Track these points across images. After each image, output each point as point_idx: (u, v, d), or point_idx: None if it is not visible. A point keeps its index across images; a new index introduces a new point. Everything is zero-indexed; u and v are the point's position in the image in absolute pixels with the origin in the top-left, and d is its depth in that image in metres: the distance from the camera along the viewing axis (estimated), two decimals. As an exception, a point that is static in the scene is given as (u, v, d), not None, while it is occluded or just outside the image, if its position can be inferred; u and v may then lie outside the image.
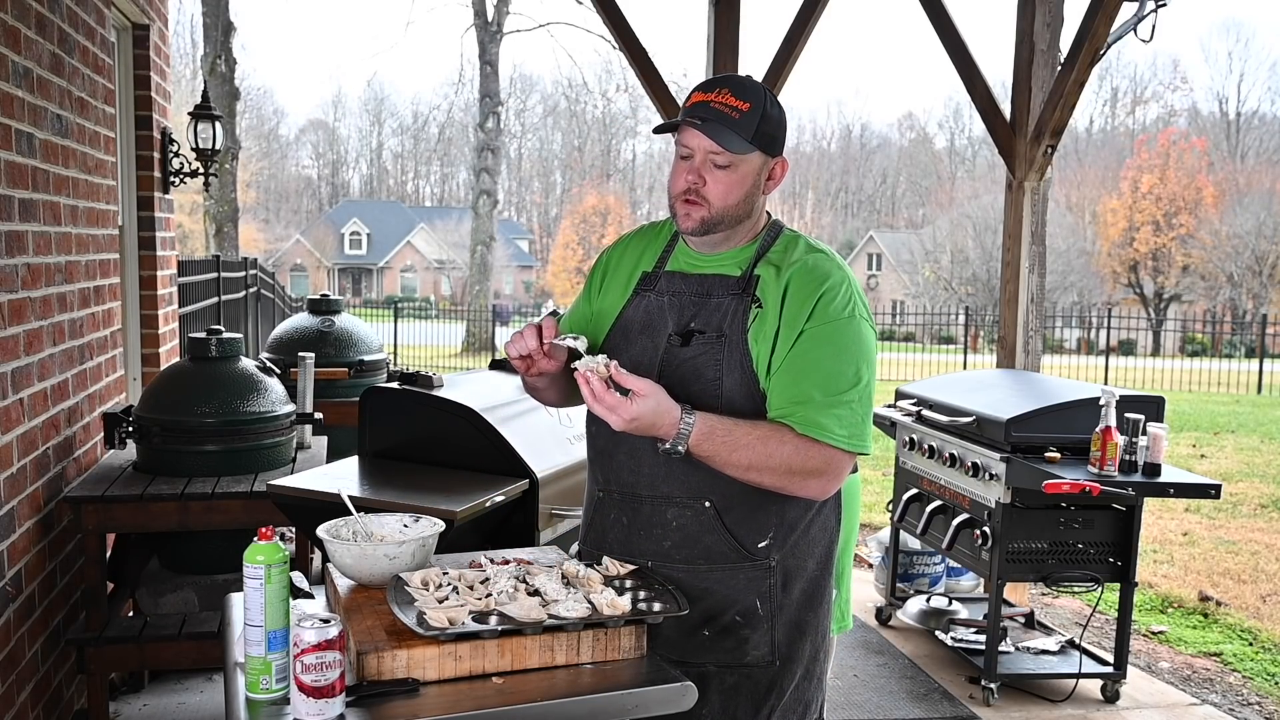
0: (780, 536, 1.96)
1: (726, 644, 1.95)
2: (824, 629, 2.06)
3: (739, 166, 1.91)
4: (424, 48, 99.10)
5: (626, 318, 2.04)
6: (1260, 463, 9.50)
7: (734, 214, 1.94)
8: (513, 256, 52.24)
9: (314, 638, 1.49)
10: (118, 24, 4.28)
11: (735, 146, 1.89)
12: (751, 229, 2.01)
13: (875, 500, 7.40)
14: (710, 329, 1.93)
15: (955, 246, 37.26)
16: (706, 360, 1.92)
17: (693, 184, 1.92)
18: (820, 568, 2.03)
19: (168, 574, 3.64)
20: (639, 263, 2.09)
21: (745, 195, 1.94)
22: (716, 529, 1.94)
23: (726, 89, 1.91)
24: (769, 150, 1.94)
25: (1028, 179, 4.86)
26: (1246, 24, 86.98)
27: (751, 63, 5.78)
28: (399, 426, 3.00)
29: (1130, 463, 3.55)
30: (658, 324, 1.99)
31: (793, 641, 1.99)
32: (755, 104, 1.89)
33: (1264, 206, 35.57)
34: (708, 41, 5.03)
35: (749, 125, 1.88)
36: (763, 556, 1.95)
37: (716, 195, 1.91)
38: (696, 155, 1.92)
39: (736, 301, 1.94)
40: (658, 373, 1.93)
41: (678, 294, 2.00)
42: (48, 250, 3.14)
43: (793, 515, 1.97)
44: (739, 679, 1.96)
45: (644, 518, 1.98)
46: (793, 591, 1.99)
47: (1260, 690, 4.31)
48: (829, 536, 2.05)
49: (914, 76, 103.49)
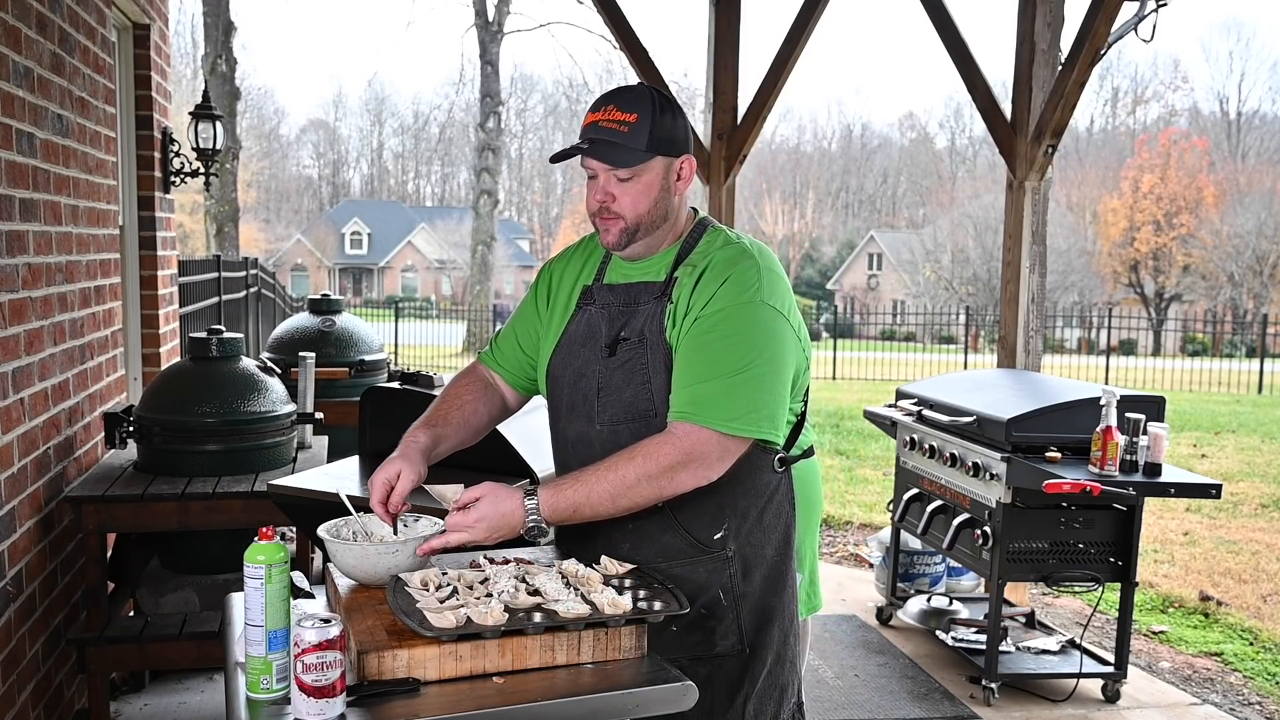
0: (734, 526, 1.99)
1: (694, 637, 1.97)
2: (790, 613, 2.08)
3: (641, 176, 1.97)
4: (424, 47, 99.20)
5: (570, 333, 2.11)
6: (1261, 462, 9.49)
7: (649, 220, 2.00)
8: (513, 256, 52.21)
9: (315, 637, 1.49)
10: (118, 24, 4.28)
11: (628, 160, 1.94)
12: (673, 231, 2.06)
13: (875, 500, 7.40)
14: (634, 335, 1.99)
15: (956, 246, 37.26)
16: (633, 366, 1.98)
17: (603, 201, 1.99)
18: (779, 553, 2.05)
19: (168, 574, 3.64)
20: (579, 278, 2.16)
21: (655, 200, 1.99)
22: (671, 526, 1.98)
23: (613, 105, 1.96)
24: (669, 152, 1.98)
25: (1028, 179, 4.86)
26: (1247, 23, 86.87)
27: (751, 63, 5.76)
28: (399, 426, 2.98)
29: (1131, 462, 3.55)
30: (594, 338, 2.06)
31: (760, 628, 2.02)
32: (643, 113, 1.94)
33: (1265, 206, 35.57)
34: (708, 41, 5.03)
35: (639, 136, 1.93)
36: (719, 548, 1.99)
37: (627, 207, 1.98)
38: (599, 174, 1.99)
39: (656, 304, 2.00)
40: (597, 384, 2.01)
41: (607, 305, 2.07)
42: (48, 250, 3.15)
43: (744, 504, 2.00)
44: (711, 670, 1.98)
45: (601, 522, 1.99)
46: (754, 579, 2.01)
47: (1261, 690, 4.31)
48: (784, 522, 2.06)
49: (914, 76, 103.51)
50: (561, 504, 1.85)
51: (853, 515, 7.06)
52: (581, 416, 2.05)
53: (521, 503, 1.84)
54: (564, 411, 2.10)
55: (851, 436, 10.32)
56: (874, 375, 18.31)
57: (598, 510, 1.87)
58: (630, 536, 2.00)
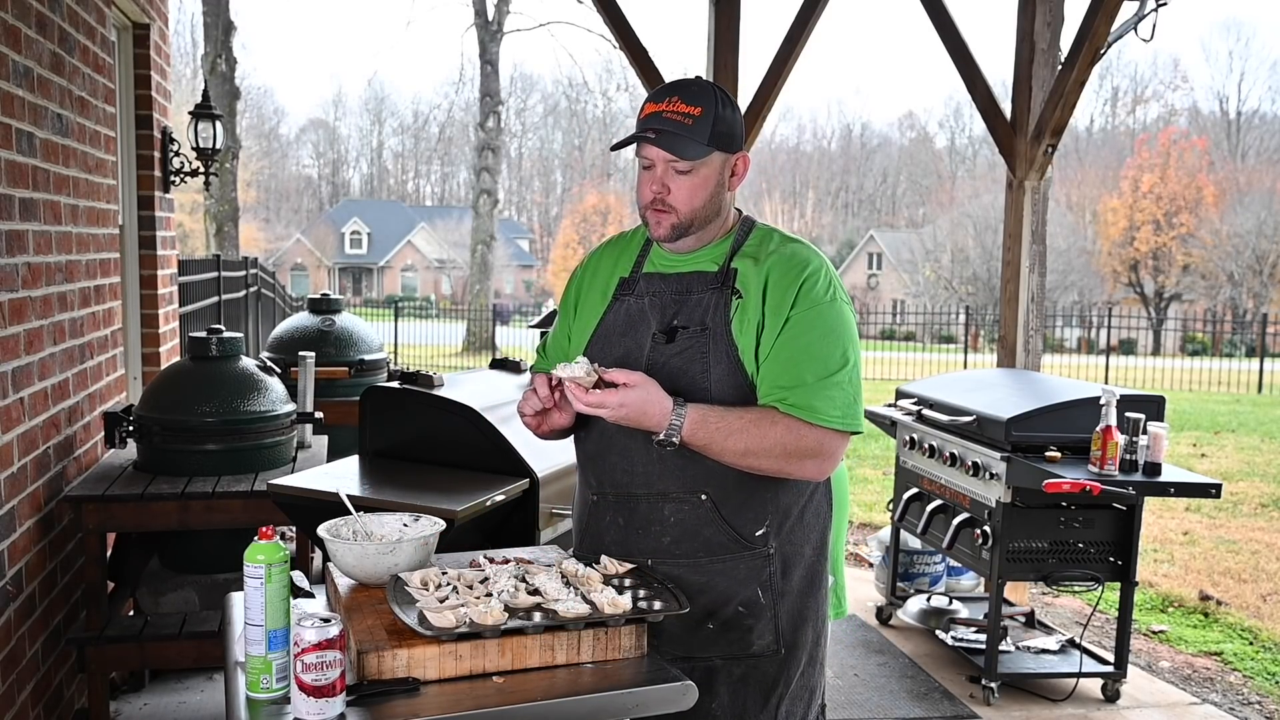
0: (776, 523, 1.99)
1: (731, 636, 1.97)
2: (823, 615, 2.10)
3: (700, 170, 1.95)
4: (424, 47, 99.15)
5: (607, 324, 2.09)
6: (1261, 462, 9.50)
7: (703, 215, 1.99)
8: (513, 256, 52.24)
9: (314, 637, 1.49)
10: (118, 23, 4.28)
11: (691, 152, 1.93)
12: (722, 226, 2.05)
13: (876, 500, 7.40)
14: (693, 324, 1.97)
15: (955, 246, 37.26)
16: (693, 354, 1.96)
17: (658, 193, 1.97)
18: (816, 553, 2.06)
19: (168, 573, 3.64)
20: (614, 270, 2.14)
21: (710, 196, 1.98)
22: (714, 520, 1.97)
23: (677, 97, 1.95)
24: (728, 148, 1.97)
25: (1028, 178, 4.86)
26: (1247, 23, 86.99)
27: (751, 62, 5.76)
28: (399, 426, 3.00)
29: (1130, 462, 3.55)
30: (640, 325, 2.03)
31: (796, 629, 2.02)
32: (707, 107, 1.93)
33: (1264, 206, 35.57)
34: (708, 41, 5.03)
35: (703, 129, 1.92)
36: (761, 545, 1.98)
37: (682, 200, 1.96)
38: (657, 165, 1.96)
39: (717, 295, 1.98)
40: (646, 370, 1.97)
41: (658, 294, 2.04)
42: (48, 249, 3.14)
43: (786, 501, 2.00)
44: (746, 670, 1.98)
45: (641, 516, 2.00)
46: (792, 578, 2.02)
47: (1261, 690, 4.31)
48: (823, 522, 2.08)
49: (914, 76, 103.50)
50: (700, 433, 1.85)
51: (853, 514, 7.05)
52: None
53: (671, 409, 1.84)
54: None
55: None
56: (874, 375, 18.29)
57: (724, 455, 1.88)
58: (672, 530, 1.99)
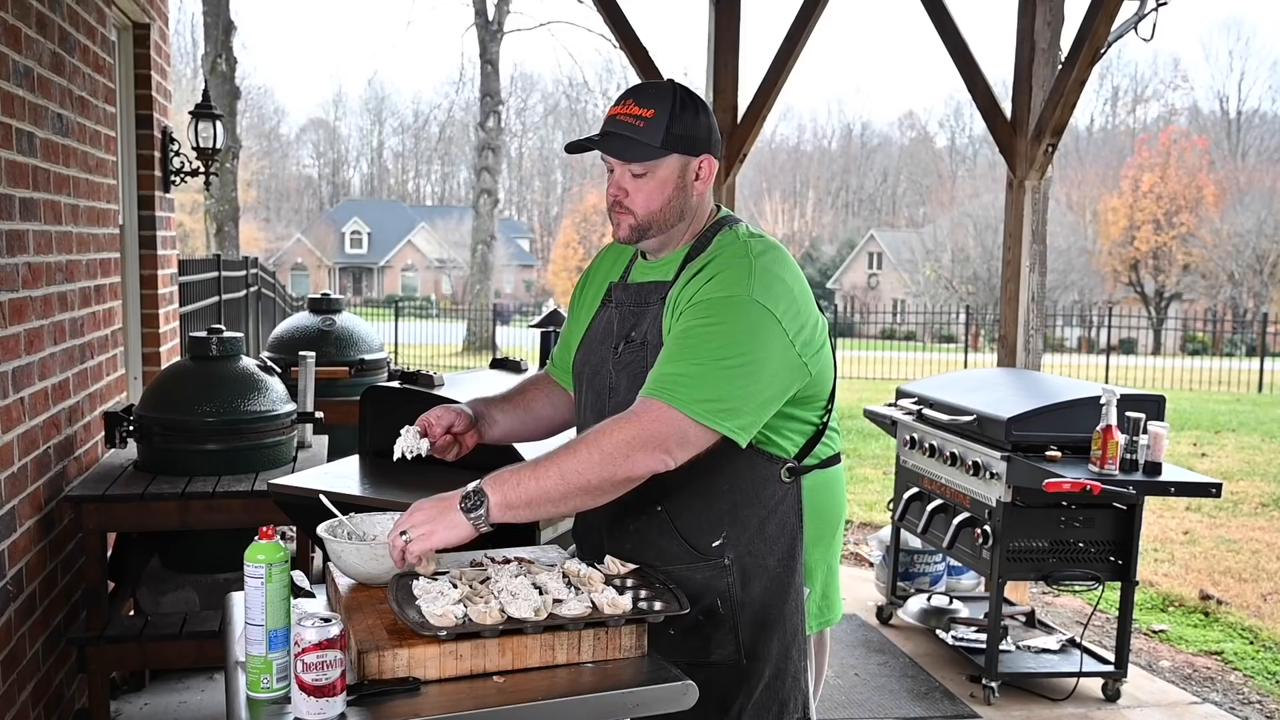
0: (734, 535, 1.97)
1: (691, 643, 1.96)
2: (794, 627, 2.02)
3: (655, 172, 1.94)
4: (425, 47, 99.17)
5: (591, 330, 2.14)
6: (1261, 461, 9.50)
7: (661, 218, 1.98)
8: (513, 255, 52.23)
9: (315, 636, 1.49)
10: (118, 23, 4.28)
11: (641, 155, 1.92)
12: (689, 230, 2.03)
13: (876, 499, 7.40)
14: (639, 337, 2.00)
15: (956, 245, 37.26)
16: (635, 368, 1.98)
17: (615, 196, 1.98)
18: (782, 565, 2.00)
19: (168, 573, 3.64)
20: (609, 275, 2.17)
21: (669, 199, 1.97)
22: (669, 532, 1.98)
23: (632, 99, 1.95)
24: (687, 150, 1.95)
25: (1028, 178, 4.86)
26: (1247, 22, 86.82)
27: (751, 63, 5.75)
28: (399, 426, 2.99)
29: (1131, 461, 3.55)
30: (609, 335, 2.07)
31: (759, 640, 1.99)
32: (660, 110, 1.91)
33: (1265, 205, 35.58)
34: (708, 41, 5.03)
35: (654, 132, 1.91)
36: (716, 555, 1.97)
37: (639, 203, 1.97)
38: (616, 168, 1.97)
39: (659, 308, 1.99)
40: (608, 382, 2.04)
41: (621, 305, 2.08)
42: (48, 249, 3.14)
43: (745, 514, 1.97)
44: (707, 676, 1.93)
45: (609, 524, 2.04)
46: (753, 589, 1.98)
47: (1261, 689, 4.31)
48: (789, 535, 2.01)
49: (915, 75, 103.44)
50: (511, 494, 1.75)
51: (853, 514, 7.06)
52: (595, 413, 2.05)
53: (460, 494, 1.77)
54: (584, 407, 2.12)
55: (851, 435, 10.32)
56: (874, 374, 18.29)
57: (551, 500, 1.76)
58: (632, 539, 2.00)
